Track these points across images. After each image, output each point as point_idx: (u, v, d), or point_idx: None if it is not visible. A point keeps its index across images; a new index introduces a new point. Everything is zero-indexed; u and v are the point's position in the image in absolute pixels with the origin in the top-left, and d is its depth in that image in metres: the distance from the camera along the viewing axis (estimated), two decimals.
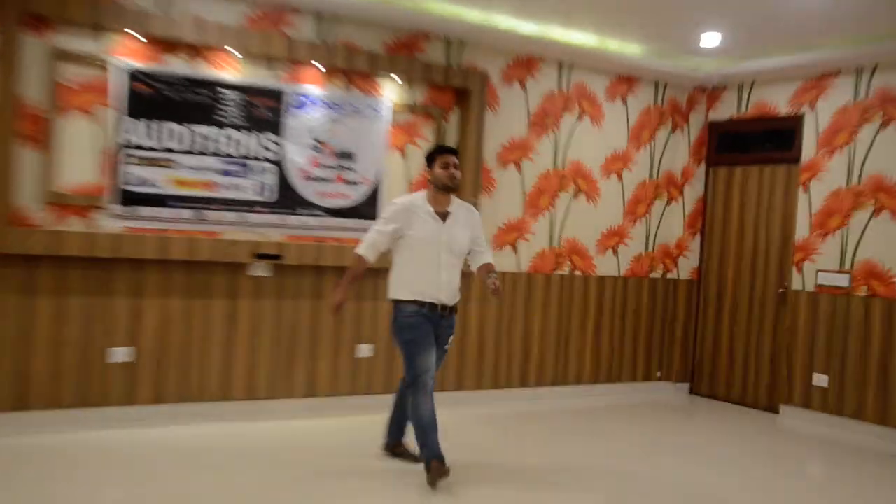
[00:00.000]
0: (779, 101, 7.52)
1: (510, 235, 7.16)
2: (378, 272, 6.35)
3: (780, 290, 7.46)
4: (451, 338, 4.90)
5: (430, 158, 4.85)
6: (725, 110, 7.98)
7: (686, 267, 8.20)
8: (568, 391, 7.51)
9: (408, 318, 4.70)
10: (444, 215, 4.80)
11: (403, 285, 4.75)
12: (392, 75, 6.42)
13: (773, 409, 7.43)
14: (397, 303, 4.78)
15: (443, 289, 4.74)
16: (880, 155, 6.75)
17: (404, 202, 4.83)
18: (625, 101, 7.76)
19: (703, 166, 8.19)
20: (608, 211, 7.74)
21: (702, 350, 8.16)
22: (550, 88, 7.33)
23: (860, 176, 6.87)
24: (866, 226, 6.80)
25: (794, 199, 7.38)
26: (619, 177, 7.78)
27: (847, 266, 6.90)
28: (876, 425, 6.63)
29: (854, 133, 6.92)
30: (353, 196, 6.34)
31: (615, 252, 7.80)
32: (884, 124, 6.74)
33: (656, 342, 8.08)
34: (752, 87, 7.73)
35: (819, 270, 7.09)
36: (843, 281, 6.90)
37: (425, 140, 6.72)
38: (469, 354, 6.97)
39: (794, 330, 7.25)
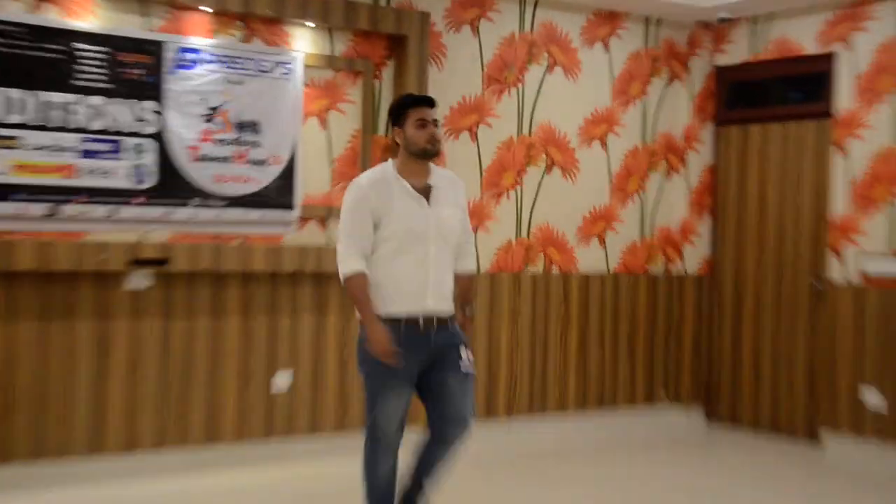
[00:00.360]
0: (805, 38, 7.55)
1: None
2: (295, 276, 6.26)
3: (814, 283, 7.48)
4: (466, 353, 4.57)
5: (399, 114, 4.56)
6: (737, 52, 8.01)
7: (694, 257, 8.23)
8: (548, 423, 7.50)
9: None
10: (425, 191, 4.55)
11: (373, 293, 4.45)
12: (305, 21, 6.40)
13: (814, 436, 7.42)
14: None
15: (431, 293, 4.48)
16: None
17: (371, 178, 4.55)
18: (607, 46, 7.77)
19: (710, 126, 8.23)
20: (591, 188, 7.74)
21: (719, 363, 8.18)
22: (511, 31, 7.32)
23: None
24: None
25: (829, 164, 7.42)
26: (603, 144, 7.80)
27: None
28: None
29: None
30: (261, 179, 6.31)
31: (602, 241, 7.80)
32: None
33: (659, 355, 8.08)
34: (770, 21, 7.75)
35: (865, 255, 7.10)
36: None
37: (351, 104, 6.70)
38: None
39: (834, 333, 7.25)
